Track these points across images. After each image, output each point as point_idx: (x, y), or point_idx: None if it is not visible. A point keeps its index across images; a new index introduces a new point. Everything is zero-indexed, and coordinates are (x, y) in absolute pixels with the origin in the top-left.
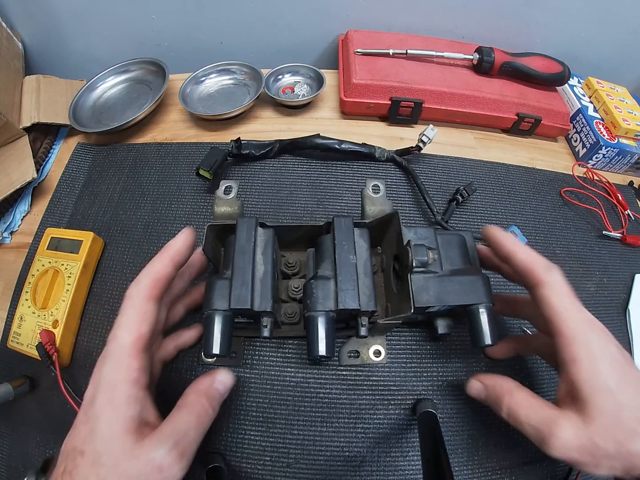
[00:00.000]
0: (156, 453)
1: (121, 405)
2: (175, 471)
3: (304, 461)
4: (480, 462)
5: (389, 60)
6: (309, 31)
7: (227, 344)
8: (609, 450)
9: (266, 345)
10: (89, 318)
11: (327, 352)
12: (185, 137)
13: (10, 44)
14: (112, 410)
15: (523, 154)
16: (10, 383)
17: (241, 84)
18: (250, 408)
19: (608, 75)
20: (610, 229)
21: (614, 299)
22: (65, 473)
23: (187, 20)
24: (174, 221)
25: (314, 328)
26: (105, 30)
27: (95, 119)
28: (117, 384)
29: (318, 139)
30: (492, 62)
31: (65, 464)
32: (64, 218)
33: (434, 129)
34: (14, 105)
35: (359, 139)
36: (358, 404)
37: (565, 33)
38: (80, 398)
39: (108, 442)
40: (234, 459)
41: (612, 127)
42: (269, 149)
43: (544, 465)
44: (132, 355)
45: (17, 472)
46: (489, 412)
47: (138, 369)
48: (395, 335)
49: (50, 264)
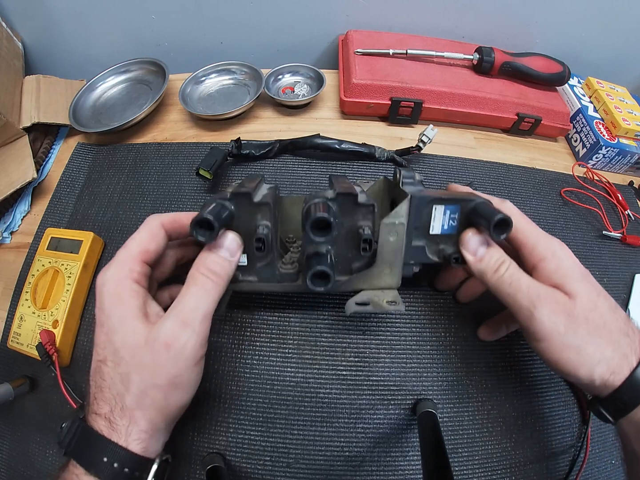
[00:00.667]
0: (159, 331)
1: (126, 298)
2: (183, 341)
3: (304, 461)
4: (480, 462)
5: (389, 60)
6: (309, 31)
7: (219, 217)
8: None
9: (266, 345)
10: (89, 318)
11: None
12: (185, 137)
13: (10, 44)
14: (120, 304)
15: (523, 154)
16: (10, 383)
17: (241, 84)
18: (250, 408)
19: (608, 75)
20: (610, 229)
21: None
22: (97, 389)
23: (187, 20)
24: None
25: (312, 207)
26: (105, 30)
27: (95, 119)
28: (120, 280)
29: (318, 139)
30: (492, 62)
31: (94, 381)
32: (64, 218)
33: (434, 129)
34: (14, 105)
35: (359, 139)
36: (358, 404)
37: (565, 33)
38: (81, 398)
39: (123, 336)
40: (234, 459)
41: (612, 127)
42: (269, 149)
43: (544, 465)
44: (136, 261)
45: (17, 472)
46: (489, 412)
47: (139, 272)
48: (396, 335)
49: (50, 264)
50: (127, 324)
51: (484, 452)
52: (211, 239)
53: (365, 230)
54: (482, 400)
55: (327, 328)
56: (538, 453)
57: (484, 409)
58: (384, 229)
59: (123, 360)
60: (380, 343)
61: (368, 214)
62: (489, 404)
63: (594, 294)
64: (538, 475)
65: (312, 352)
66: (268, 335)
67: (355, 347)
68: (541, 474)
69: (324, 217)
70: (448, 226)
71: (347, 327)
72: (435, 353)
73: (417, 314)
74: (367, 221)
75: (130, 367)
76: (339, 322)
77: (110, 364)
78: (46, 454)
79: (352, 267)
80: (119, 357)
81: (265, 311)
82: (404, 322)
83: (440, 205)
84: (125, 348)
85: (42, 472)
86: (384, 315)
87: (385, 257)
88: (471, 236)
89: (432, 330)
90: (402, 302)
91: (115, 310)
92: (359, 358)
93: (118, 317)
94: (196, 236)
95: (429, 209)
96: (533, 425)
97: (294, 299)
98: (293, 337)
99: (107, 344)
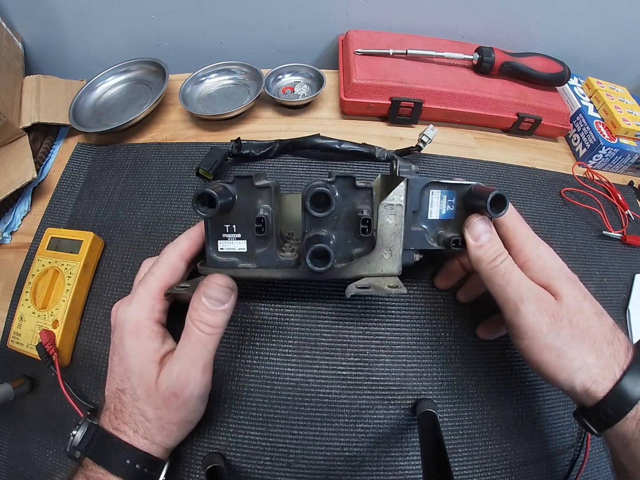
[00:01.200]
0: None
1: (145, 339)
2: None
3: (304, 461)
4: (480, 462)
5: (389, 60)
6: (309, 31)
7: (221, 195)
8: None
9: (266, 345)
10: (89, 318)
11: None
12: (185, 137)
13: (10, 44)
14: (139, 345)
15: (523, 154)
16: (10, 383)
17: (241, 84)
18: (250, 408)
19: (608, 75)
20: (610, 229)
21: (614, 299)
22: (116, 411)
23: (187, 20)
24: (174, 221)
25: (311, 187)
26: (105, 30)
27: (95, 119)
28: (141, 320)
29: (318, 139)
30: (492, 62)
31: (114, 403)
32: (64, 218)
33: (434, 129)
34: (14, 105)
35: (359, 139)
36: (358, 404)
37: (565, 33)
38: (81, 398)
39: (139, 377)
40: (234, 459)
41: (612, 127)
42: (269, 149)
43: (544, 465)
44: (158, 299)
45: (17, 472)
46: (489, 412)
47: (160, 310)
48: (396, 335)
49: (50, 264)
50: (144, 365)
51: (484, 452)
52: (211, 214)
53: (364, 212)
54: (482, 400)
55: (327, 328)
56: (538, 453)
57: (484, 409)
58: (383, 211)
59: (140, 399)
60: (380, 343)
61: (366, 197)
62: (489, 404)
63: (580, 296)
64: (538, 475)
65: (312, 352)
66: (268, 335)
67: (355, 347)
68: (541, 474)
69: (323, 190)
70: (446, 211)
71: (347, 327)
72: (435, 353)
73: (417, 314)
74: (366, 205)
75: (147, 406)
76: (339, 322)
77: (128, 397)
78: (46, 454)
79: (352, 253)
80: (136, 395)
81: (265, 311)
82: (404, 322)
83: (437, 189)
84: (141, 388)
85: (42, 472)
86: (384, 315)
87: (385, 241)
88: (477, 221)
89: (432, 330)
90: (403, 286)
91: (134, 350)
92: (359, 358)
93: (136, 358)
94: (197, 210)
95: (427, 195)
96: (533, 425)
97: (294, 296)
98: (293, 337)
99: (125, 379)
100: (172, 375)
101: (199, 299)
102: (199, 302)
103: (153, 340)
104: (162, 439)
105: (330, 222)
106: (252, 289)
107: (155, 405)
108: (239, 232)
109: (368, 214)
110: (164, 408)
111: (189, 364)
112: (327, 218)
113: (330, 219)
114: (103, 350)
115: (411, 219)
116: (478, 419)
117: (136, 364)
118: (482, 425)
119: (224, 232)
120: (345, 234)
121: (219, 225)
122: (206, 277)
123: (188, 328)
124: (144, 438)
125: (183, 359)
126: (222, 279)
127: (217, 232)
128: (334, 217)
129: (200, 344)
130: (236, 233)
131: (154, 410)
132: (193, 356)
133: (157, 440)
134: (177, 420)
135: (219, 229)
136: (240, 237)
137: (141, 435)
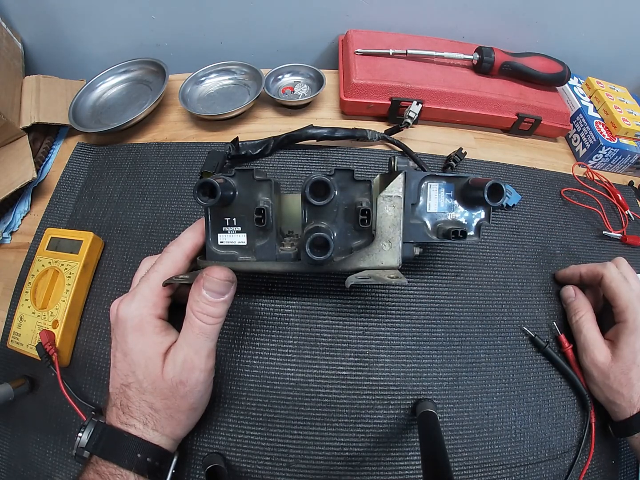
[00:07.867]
0: (174, 371)
1: (149, 334)
2: (194, 380)
3: (304, 461)
4: (480, 462)
5: (389, 60)
6: (309, 31)
7: (222, 185)
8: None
9: (266, 345)
10: (89, 318)
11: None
12: (185, 137)
13: (10, 44)
14: (142, 340)
15: (523, 154)
16: (10, 383)
17: (241, 84)
18: (250, 408)
19: (608, 75)
20: (610, 229)
21: None
22: (123, 406)
23: (187, 20)
24: (174, 221)
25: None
26: (105, 30)
27: (95, 119)
28: (144, 317)
29: (311, 129)
30: (492, 62)
31: (120, 399)
32: (64, 218)
33: (418, 104)
34: (14, 105)
35: None
36: (358, 404)
37: (565, 33)
38: (81, 398)
39: (144, 369)
40: (234, 459)
41: (612, 127)
42: (264, 147)
43: (544, 466)
44: (160, 295)
45: (17, 472)
46: (489, 412)
47: (162, 307)
48: (396, 335)
49: (50, 264)
50: (149, 358)
51: (484, 452)
52: (212, 204)
53: (363, 203)
54: (482, 400)
55: (327, 328)
56: (538, 453)
57: (484, 409)
58: (382, 203)
59: (147, 391)
60: (380, 343)
61: (365, 190)
62: (489, 404)
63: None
64: (538, 475)
65: (312, 352)
66: (268, 335)
67: (355, 347)
68: (541, 474)
69: (322, 178)
70: (445, 204)
71: (347, 327)
72: (435, 353)
73: (417, 314)
74: (365, 197)
75: (154, 397)
76: (339, 321)
77: (134, 391)
78: (46, 454)
79: (352, 246)
80: (142, 387)
81: (265, 311)
82: (404, 322)
83: (435, 182)
84: (147, 380)
85: (42, 472)
86: (384, 315)
87: (384, 232)
88: (564, 289)
89: (432, 330)
90: (404, 277)
91: (138, 345)
92: (359, 358)
93: (141, 352)
94: (197, 199)
95: (425, 189)
96: (533, 426)
97: (294, 294)
98: (293, 337)
99: (130, 374)
100: (177, 364)
101: (199, 292)
102: (199, 294)
103: (157, 334)
104: (171, 429)
105: (329, 215)
106: (252, 288)
107: (162, 395)
108: (239, 226)
109: (367, 205)
110: (171, 397)
111: (192, 353)
112: (327, 210)
113: (330, 211)
114: (103, 350)
115: (410, 213)
116: (478, 419)
117: (141, 358)
118: (482, 425)
119: (224, 225)
120: (345, 227)
121: (220, 219)
122: (205, 269)
123: (190, 319)
124: (154, 430)
125: (187, 348)
126: (221, 272)
127: (217, 226)
128: (334, 210)
129: (203, 334)
130: (236, 226)
131: (161, 400)
132: (197, 346)
133: (167, 431)
134: (185, 407)
135: (219, 222)
136: (240, 231)
137: (151, 428)
